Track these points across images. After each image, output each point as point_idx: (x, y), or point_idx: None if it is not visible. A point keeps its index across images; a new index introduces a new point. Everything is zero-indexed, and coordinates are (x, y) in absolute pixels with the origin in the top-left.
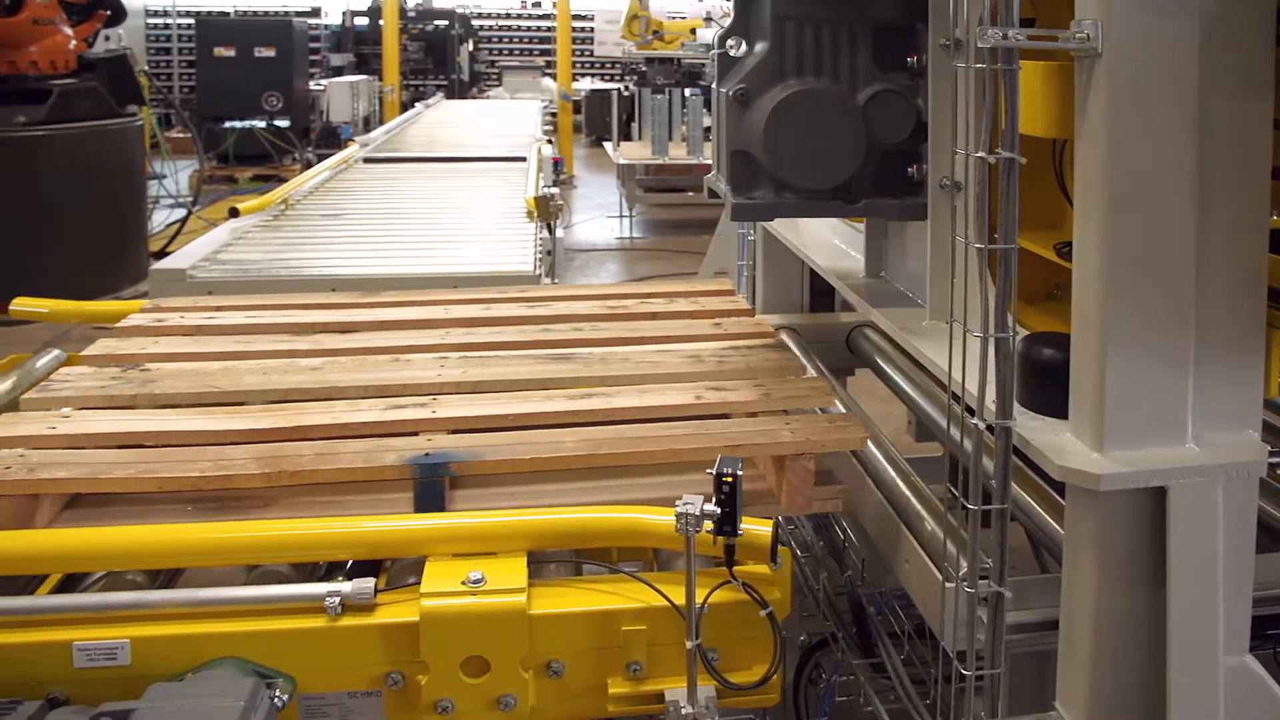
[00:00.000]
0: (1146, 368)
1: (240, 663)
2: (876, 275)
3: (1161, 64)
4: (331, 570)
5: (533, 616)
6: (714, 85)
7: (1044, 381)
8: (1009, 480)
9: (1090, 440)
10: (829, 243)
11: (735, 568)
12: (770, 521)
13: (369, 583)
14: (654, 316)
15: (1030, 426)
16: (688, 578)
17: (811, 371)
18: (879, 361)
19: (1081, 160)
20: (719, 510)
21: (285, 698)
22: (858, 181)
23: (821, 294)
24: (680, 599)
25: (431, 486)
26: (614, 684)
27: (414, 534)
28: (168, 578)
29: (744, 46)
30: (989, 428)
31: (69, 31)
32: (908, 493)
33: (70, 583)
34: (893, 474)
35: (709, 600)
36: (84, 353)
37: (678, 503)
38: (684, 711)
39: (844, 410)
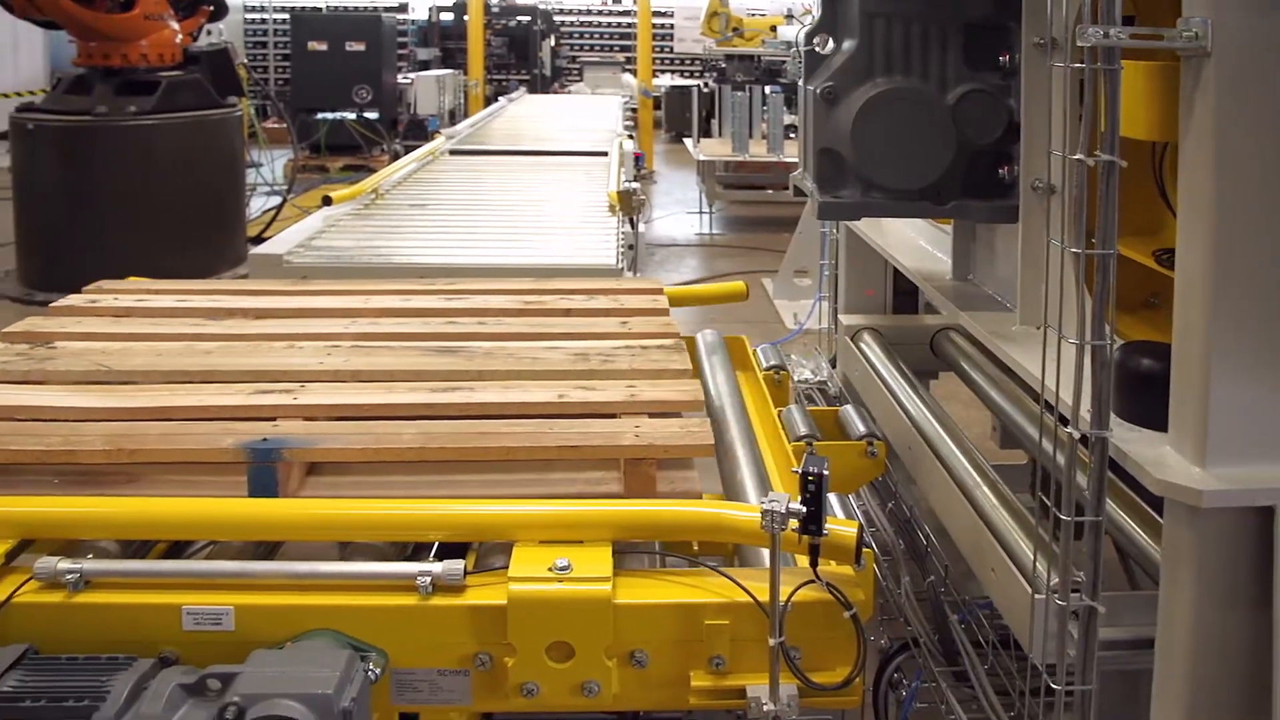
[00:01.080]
0: (1253, 381)
1: (336, 635)
2: (964, 278)
3: (1274, 63)
4: (418, 550)
5: (618, 606)
6: (801, 82)
7: (1142, 392)
8: (1104, 492)
9: (1191, 455)
10: (914, 243)
11: (818, 567)
12: (855, 523)
13: (459, 564)
14: (567, 313)
15: (1126, 438)
16: (772, 575)
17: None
18: (964, 366)
19: (1186, 164)
20: (804, 509)
21: (378, 671)
22: (946, 182)
23: (904, 295)
24: (764, 595)
25: (264, 471)
26: (696, 677)
27: (504, 519)
28: (267, 550)
29: (831, 44)
30: (1083, 438)
31: (175, 26)
32: (994, 500)
33: (177, 550)
34: (978, 480)
35: (792, 599)
36: (6, 329)
37: (763, 500)
38: (765, 708)
39: (703, 417)
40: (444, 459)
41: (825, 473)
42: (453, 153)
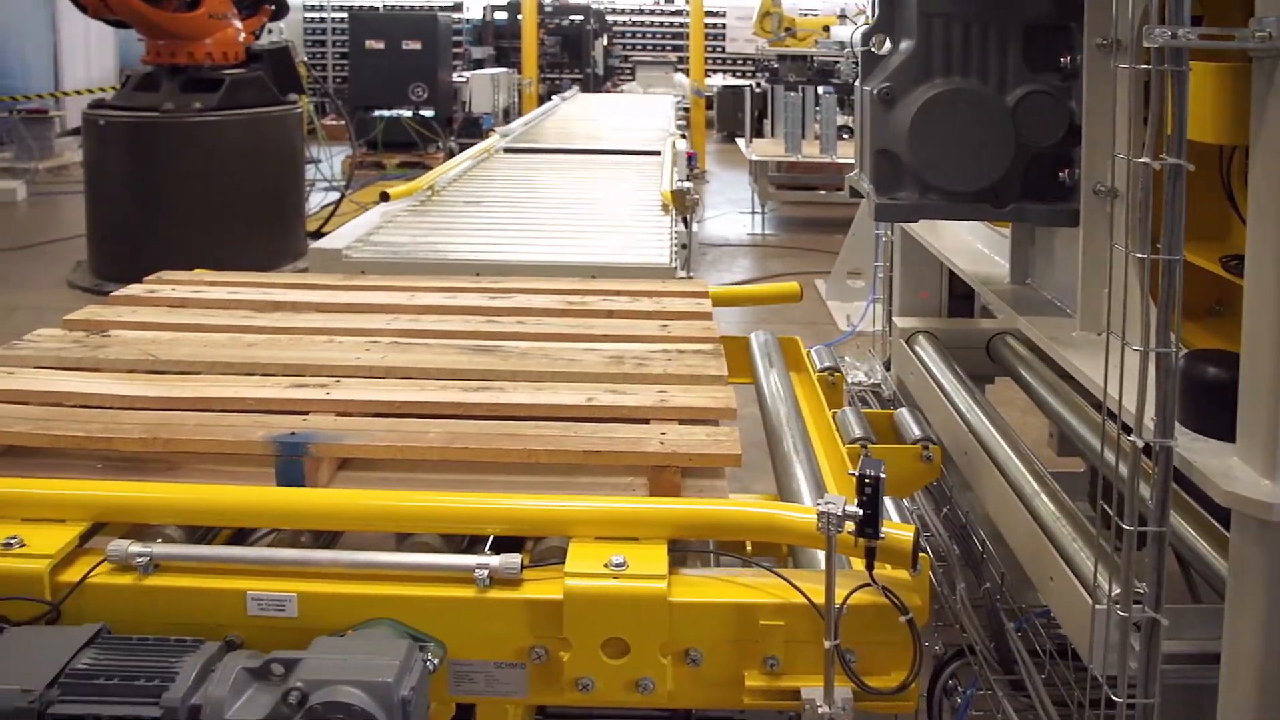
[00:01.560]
0: None
1: (396, 624)
2: (1022, 282)
3: None
4: (473, 543)
5: (673, 604)
6: (857, 83)
7: (1208, 401)
8: (1168, 503)
9: (1261, 466)
10: (970, 246)
11: (874, 571)
12: (912, 527)
13: (515, 558)
14: (609, 315)
15: (1192, 448)
16: (827, 578)
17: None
18: (1021, 371)
19: (1258, 168)
20: (861, 512)
21: (436, 661)
22: (1005, 185)
23: (960, 298)
24: (818, 597)
25: (291, 464)
26: (750, 677)
27: (561, 514)
28: (326, 540)
29: (888, 44)
30: (1146, 447)
31: (239, 25)
32: (1053, 508)
33: (238, 537)
34: (1036, 487)
35: (848, 601)
36: (67, 317)
37: (819, 501)
38: (820, 711)
39: (732, 427)
40: (468, 459)
41: (882, 475)
42: (507, 150)
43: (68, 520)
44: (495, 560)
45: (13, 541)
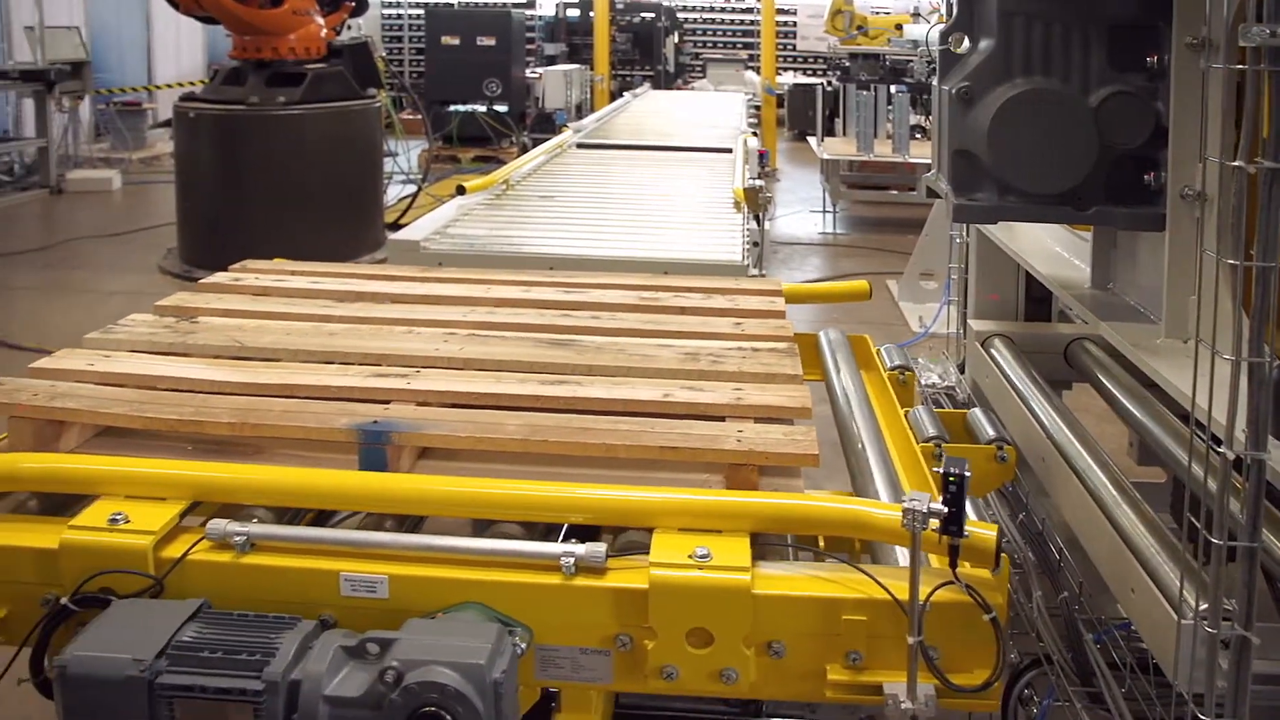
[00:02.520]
0: None
1: (484, 608)
2: (1103, 286)
3: None
4: (545, 536)
5: (757, 596)
6: (935, 82)
7: None
8: (1260, 517)
9: None
10: (1049, 249)
11: (956, 569)
12: (994, 526)
13: (600, 547)
14: (683, 311)
15: None
16: (911, 574)
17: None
18: (1101, 377)
19: None
20: (946, 509)
21: (524, 645)
22: (1088, 187)
23: (1037, 302)
24: (901, 594)
25: (373, 452)
26: (833, 670)
27: (647, 505)
28: (412, 525)
29: (967, 43)
30: (1237, 460)
31: (320, 21)
32: (1134, 518)
33: (321, 520)
34: (1117, 496)
35: (931, 598)
36: (158, 303)
37: (905, 499)
38: (904, 706)
39: (809, 426)
40: (546, 451)
41: (967, 474)
42: (580, 146)
43: (168, 499)
44: (581, 549)
45: (118, 518)
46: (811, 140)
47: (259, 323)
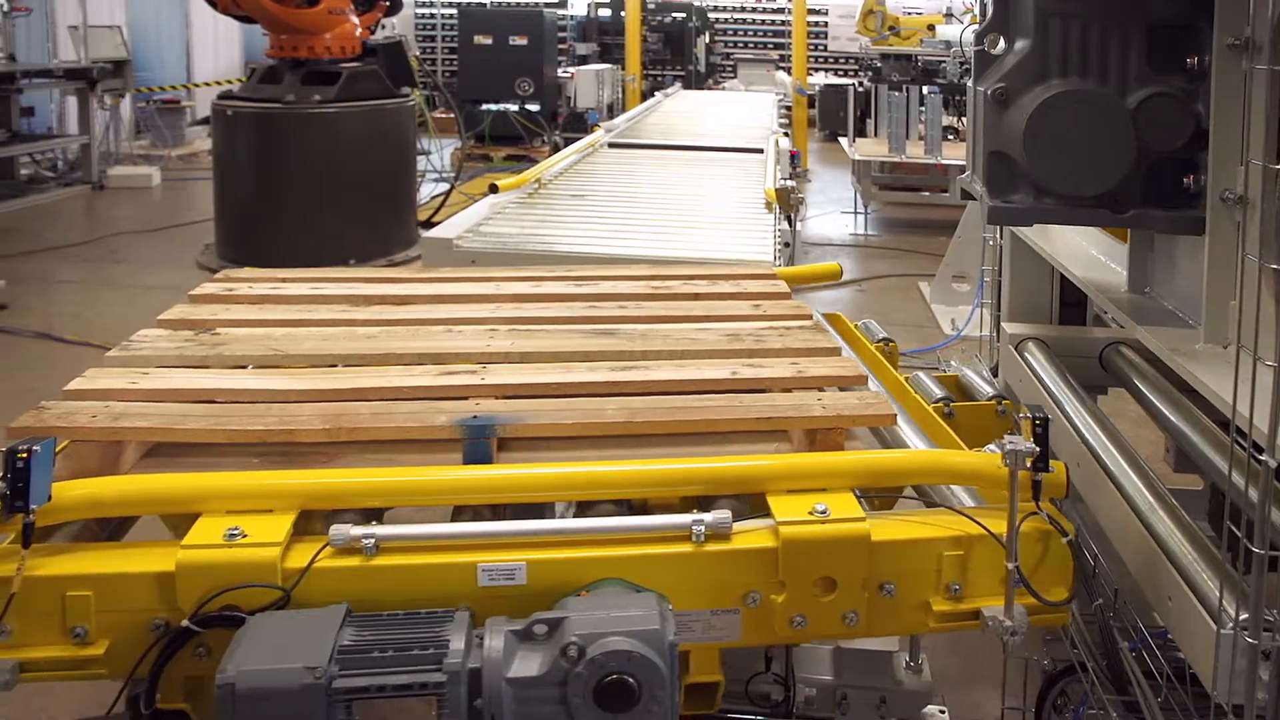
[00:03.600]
0: None
1: (622, 582)
2: (1141, 291)
3: None
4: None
5: (874, 542)
6: (970, 83)
7: None
8: None
9: None
10: (1084, 252)
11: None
12: (1062, 464)
13: (726, 514)
14: (696, 297)
15: None
16: (1010, 509)
17: (847, 352)
18: (1137, 383)
19: None
20: (1036, 448)
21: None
22: (1125, 190)
23: (1071, 305)
24: (994, 528)
25: (478, 446)
26: (936, 603)
27: (761, 471)
28: (513, 513)
29: (1003, 43)
30: (1279, 467)
31: (355, 20)
32: (1172, 525)
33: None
34: (1153, 503)
35: (1019, 528)
36: (162, 316)
37: (1005, 441)
38: (1005, 624)
39: (874, 390)
40: (648, 432)
41: (1049, 417)
42: (611, 145)
43: (275, 510)
44: (709, 516)
45: (235, 533)
46: (843, 141)
47: (287, 331)
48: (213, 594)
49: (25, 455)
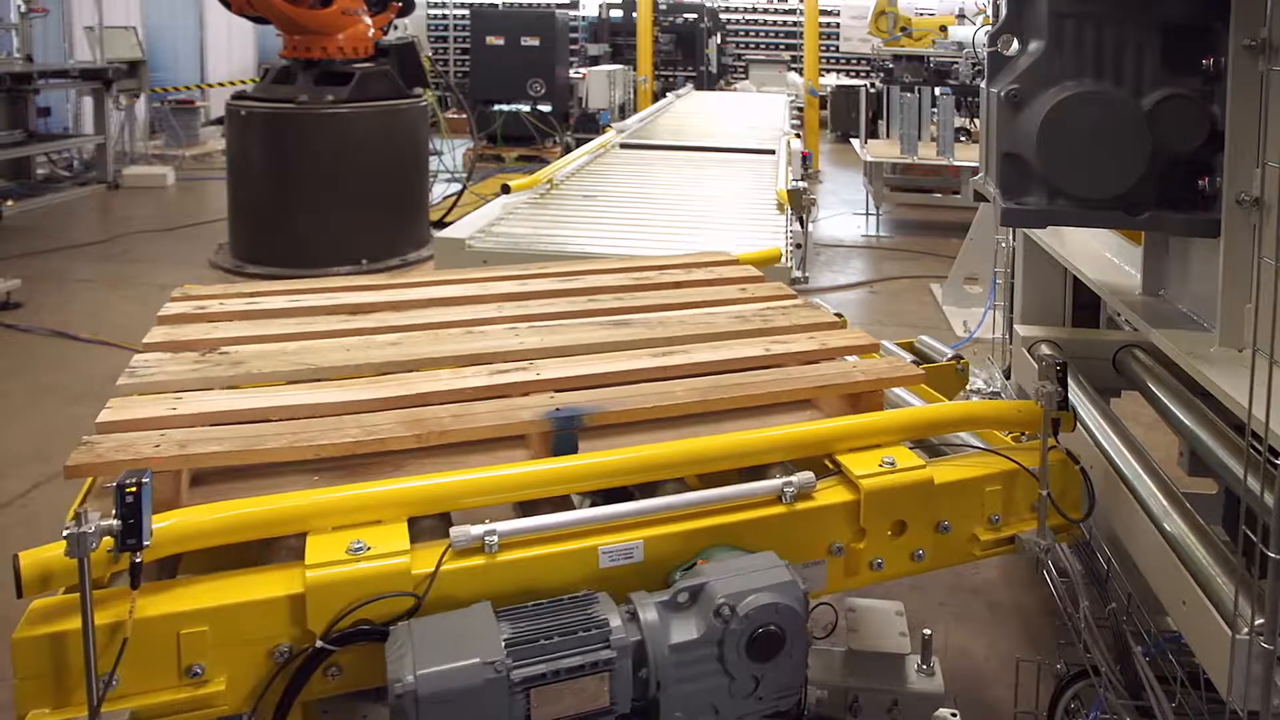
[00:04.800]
0: None
1: (729, 547)
2: (1155, 293)
3: None
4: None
5: (935, 486)
6: (983, 84)
7: None
8: None
9: None
10: (1098, 254)
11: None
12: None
13: (810, 475)
14: (678, 285)
15: None
16: (1042, 444)
17: (842, 324)
18: (1151, 386)
19: None
20: (1060, 391)
21: None
22: (1140, 192)
23: (1084, 308)
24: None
25: (566, 437)
26: (981, 533)
27: (831, 432)
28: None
29: (1016, 45)
30: None
31: (368, 21)
32: (1186, 529)
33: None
34: (1168, 507)
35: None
36: (146, 340)
37: (1039, 386)
38: (1043, 544)
39: (897, 355)
40: (721, 409)
41: (1068, 363)
42: (623, 146)
43: (384, 520)
44: (796, 478)
45: (359, 546)
46: (854, 142)
47: (301, 345)
48: (346, 611)
49: (135, 490)
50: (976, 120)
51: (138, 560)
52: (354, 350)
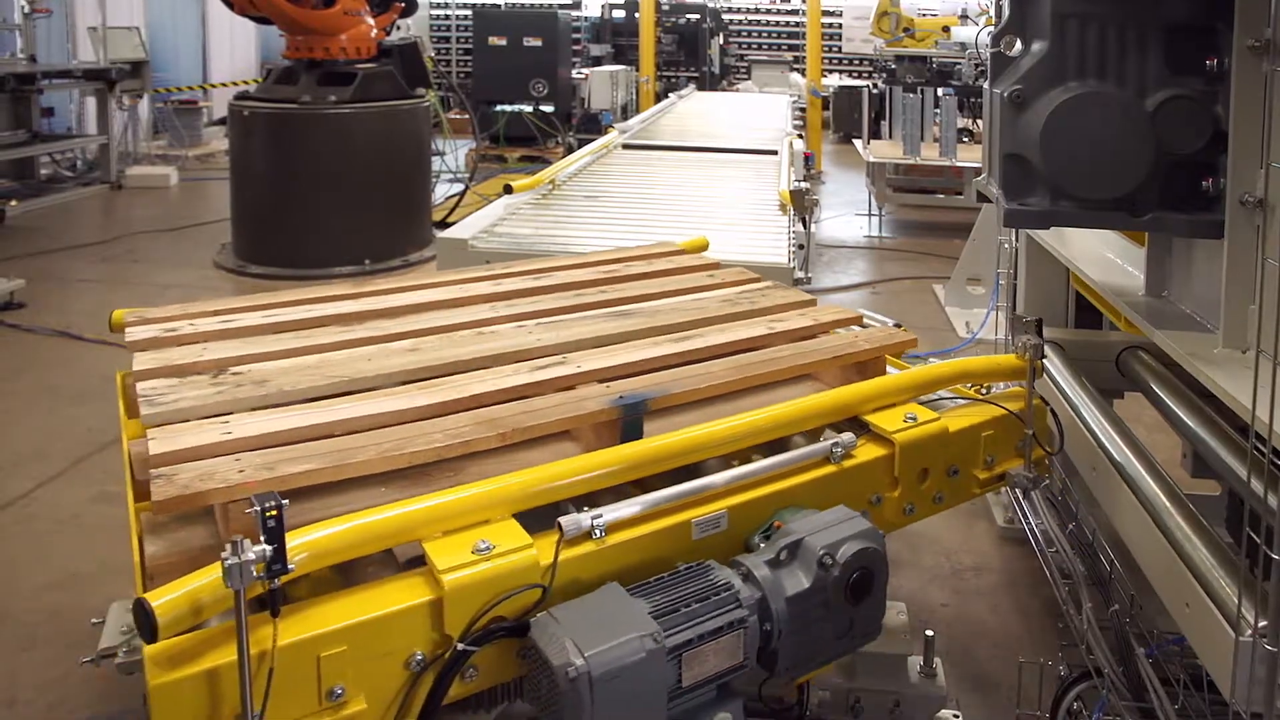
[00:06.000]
0: None
1: (795, 508)
2: (1158, 294)
3: None
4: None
5: (950, 434)
6: (986, 85)
7: None
8: None
9: None
10: (1100, 255)
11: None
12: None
13: (851, 435)
14: (648, 276)
15: None
16: (1029, 391)
17: (816, 301)
18: (1154, 387)
19: None
20: (1039, 343)
21: None
22: (1143, 193)
23: (1087, 309)
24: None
25: (633, 423)
26: (978, 473)
27: (858, 394)
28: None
29: (1019, 45)
30: None
31: (371, 21)
32: (1189, 531)
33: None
34: (1171, 508)
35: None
36: (137, 367)
37: (1021, 340)
38: (1027, 476)
39: (885, 324)
40: (762, 383)
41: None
42: (625, 147)
43: (491, 520)
44: (843, 438)
45: (485, 546)
46: (857, 143)
47: (321, 357)
48: (484, 610)
49: (276, 514)
50: (979, 121)
51: (276, 586)
52: (376, 360)
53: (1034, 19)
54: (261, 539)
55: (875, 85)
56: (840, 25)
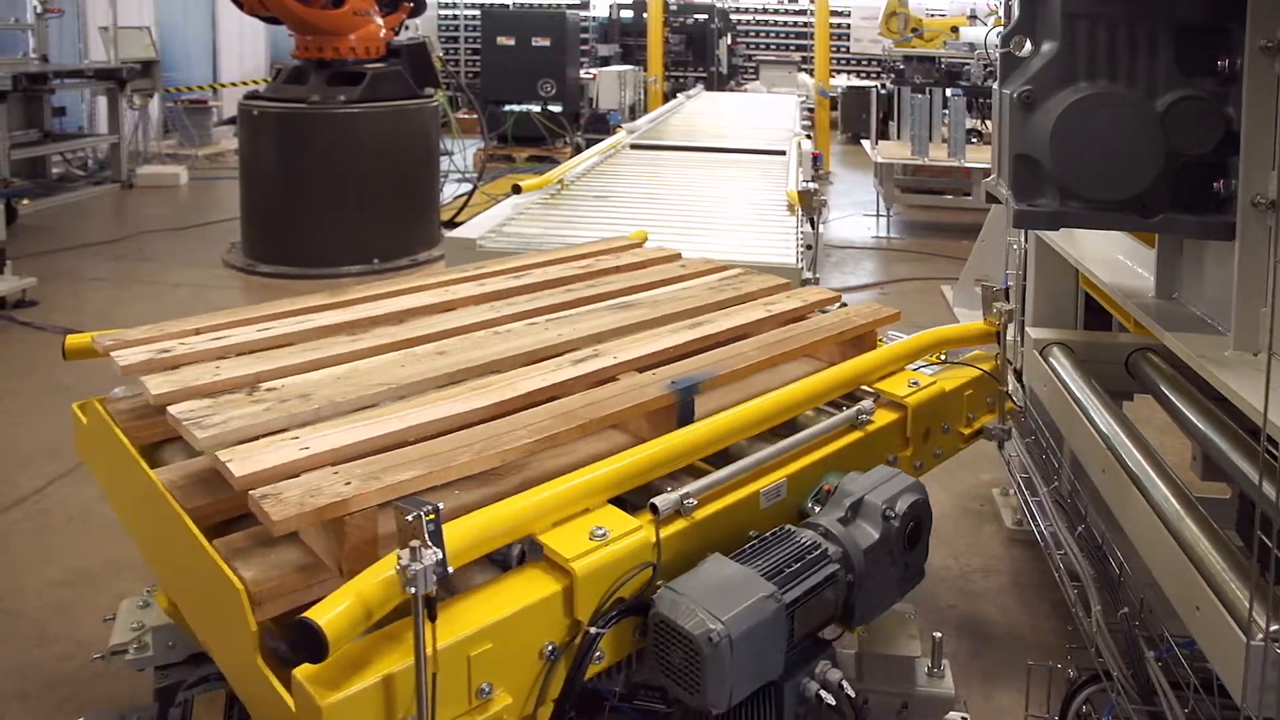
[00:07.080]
0: None
1: (837, 472)
2: (1168, 296)
3: None
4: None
5: (946, 394)
6: (996, 86)
7: None
8: None
9: None
10: (1110, 257)
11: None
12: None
13: (869, 402)
14: (622, 270)
15: None
16: (1001, 352)
17: (793, 284)
18: (1164, 389)
19: None
20: (1010, 309)
21: None
22: (1153, 194)
23: (1097, 310)
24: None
25: (687, 405)
26: (962, 429)
27: (867, 365)
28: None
29: (1029, 46)
30: None
31: (380, 22)
32: (1200, 534)
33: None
34: (1181, 511)
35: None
36: (155, 391)
37: (996, 307)
38: (1006, 426)
39: (869, 301)
40: (786, 361)
41: (1011, 285)
42: (633, 147)
43: (591, 508)
44: (866, 403)
45: (602, 532)
46: (865, 143)
47: (350, 366)
48: (610, 592)
49: (435, 517)
50: (988, 122)
51: (429, 593)
52: (409, 365)
53: (1044, 19)
54: (429, 543)
55: (883, 86)
56: (848, 25)
